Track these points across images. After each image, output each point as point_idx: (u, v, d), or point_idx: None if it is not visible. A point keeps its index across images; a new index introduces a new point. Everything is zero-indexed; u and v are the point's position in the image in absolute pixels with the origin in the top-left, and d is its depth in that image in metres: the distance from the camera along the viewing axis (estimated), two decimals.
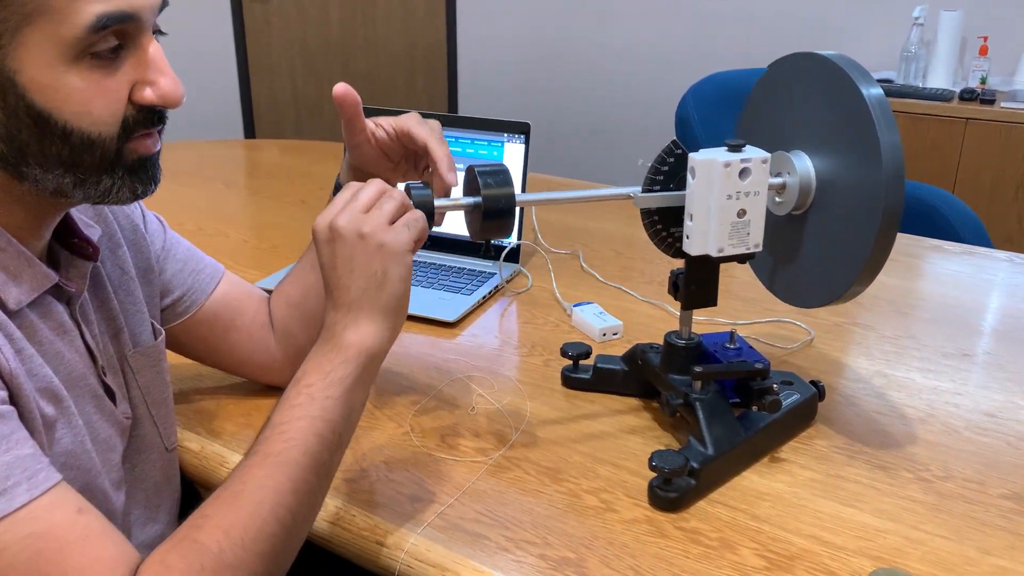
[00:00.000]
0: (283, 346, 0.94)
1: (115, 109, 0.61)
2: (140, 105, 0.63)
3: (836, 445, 0.88)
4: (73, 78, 0.58)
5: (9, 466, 0.56)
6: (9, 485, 0.56)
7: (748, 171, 0.78)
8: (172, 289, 0.87)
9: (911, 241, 1.50)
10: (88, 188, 0.63)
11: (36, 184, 0.62)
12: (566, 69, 3.79)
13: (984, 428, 0.92)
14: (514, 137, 1.29)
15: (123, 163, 0.63)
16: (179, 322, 0.88)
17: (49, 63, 0.57)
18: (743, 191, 0.79)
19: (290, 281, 0.94)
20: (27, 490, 0.56)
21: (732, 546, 0.74)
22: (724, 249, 0.80)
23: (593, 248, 1.42)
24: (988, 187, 2.63)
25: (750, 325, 1.15)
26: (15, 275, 0.63)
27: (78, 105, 0.59)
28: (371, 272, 0.69)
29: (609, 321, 1.12)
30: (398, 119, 0.84)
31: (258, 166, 2.06)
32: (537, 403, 0.96)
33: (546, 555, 0.73)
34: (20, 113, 0.58)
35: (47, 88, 0.58)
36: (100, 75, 0.60)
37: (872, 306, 1.22)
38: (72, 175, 0.62)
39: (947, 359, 1.07)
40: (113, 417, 0.73)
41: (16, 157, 0.60)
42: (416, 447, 0.88)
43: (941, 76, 2.85)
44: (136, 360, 0.78)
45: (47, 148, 0.60)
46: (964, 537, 0.75)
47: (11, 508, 0.55)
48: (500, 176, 0.76)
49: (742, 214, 0.79)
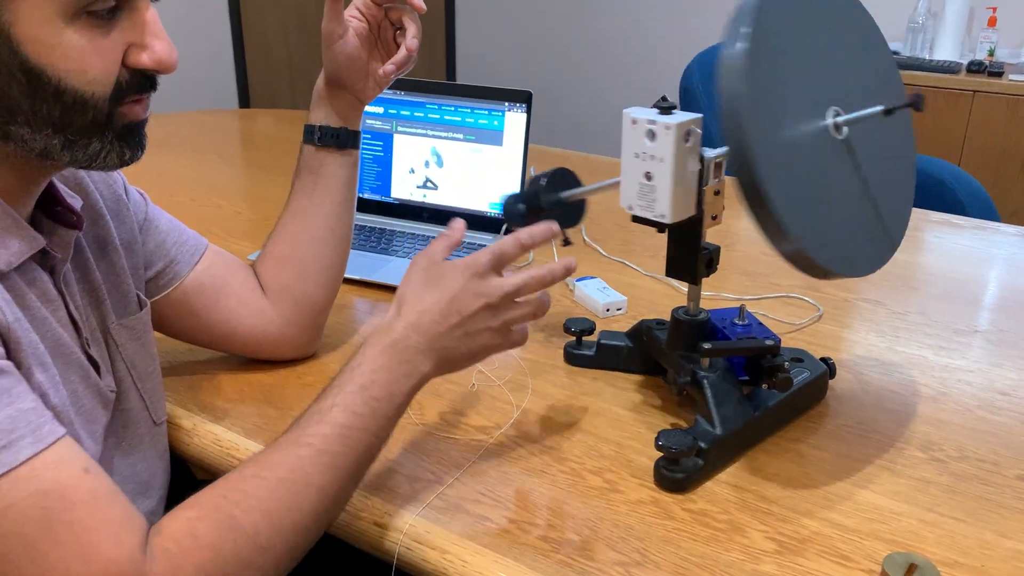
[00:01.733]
0: (278, 304, 0.92)
1: (109, 70, 0.60)
2: (133, 69, 0.62)
3: (847, 424, 0.86)
4: (70, 35, 0.57)
5: (12, 419, 0.55)
6: (13, 438, 0.54)
7: (654, 134, 0.76)
8: (154, 261, 0.85)
9: (918, 215, 1.47)
10: (76, 151, 0.62)
11: (23, 145, 0.61)
12: (567, 39, 3.73)
13: (998, 407, 0.89)
14: (515, 106, 1.25)
15: (113, 127, 0.62)
16: (163, 295, 0.86)
17: (47, 19, 0.56)
18: (649, 153, 0.76)
19: (275, 239, 0.93)
20: (32, 443, 0.55)
21: (741, 528, 0.72)
22: (633, 208, 0.80)
23: (595, 221, 1.39)
24: (995, 160, 2.60)
25: (757, 300, 1.13)
26: (3, 237, 0.61)
27: (73, 63, 0.58)
28: (475, 341, 0.73)
29: (613, 296, 1.09)
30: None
31: (252, 136, 2.02)
32: (539, 381, 0.94)
33: (549, 536, 0.70)
34: (13, 69, 0.57)
35: (43, 44, 0.57)
36: (96, 34, 0.59)
37: (880, 281, 1.19)
38: (61, 136, 0.61)
39: (958, 336, 1.04)
40: (97, 389, 0.71)
41: (5, 116, 0.59)
42: (414, 425, 0.86)
43: (948, 48, 2.80)
44: (119, 333, 0.76)
45: (38, 107, 0.59)
46: (980, 520, 0.73)
47: (16, 462, 0.54)
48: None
49: (649, 177, 0.77)
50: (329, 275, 0.94)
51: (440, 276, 0.73)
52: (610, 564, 0.68)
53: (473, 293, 0.72)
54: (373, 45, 0.90)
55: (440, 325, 0.71)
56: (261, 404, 0.89)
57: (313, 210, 0.91)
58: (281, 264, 0.92)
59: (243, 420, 0.86)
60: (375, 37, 0.90)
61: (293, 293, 0.91)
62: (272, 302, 0.92)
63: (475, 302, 0.72)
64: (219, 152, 1.82)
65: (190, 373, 0.94)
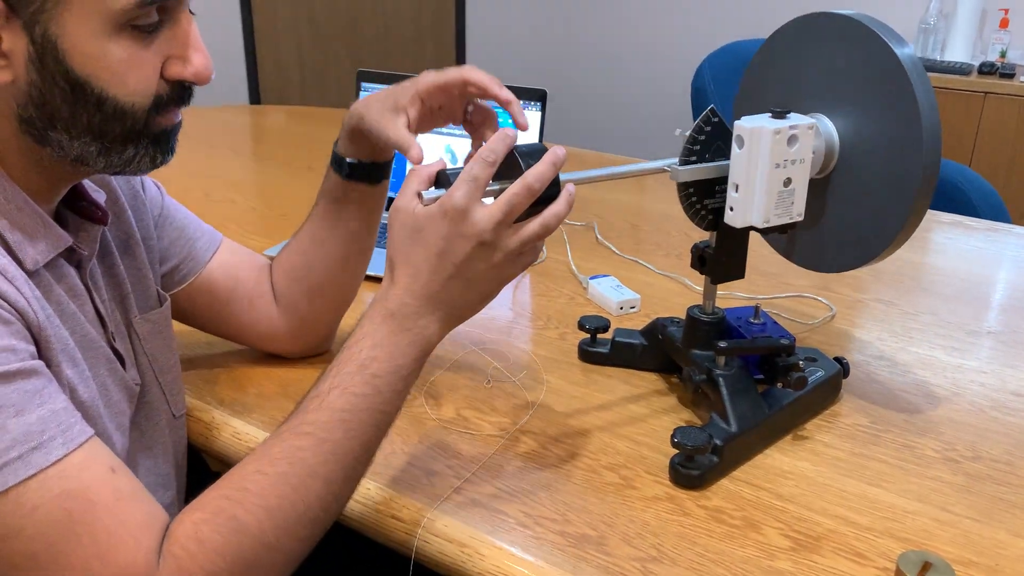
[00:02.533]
0: (286, 316, 0.92)
1: (149, 81, 0.62)
2: (171, 80, 0.63)
3: (860, 423, 0.86)
4: (113, 47, 0.59)
5: (44, 420, 0.55)
6: (45, 439, 0.55)
7: (796, 138, 0.76)
8: (169, 257, 0.85)
9: (930, 216, 1.47)
10: (112, 156, 0.63)
11: (59, 150, 0.62)
12: (579, 37, 3.73)
13: (1012, 408, 0.90)
14: (529, 104, 1.25)
15: (148, 134, 0.64)
16: (178, 290, 0.87)
17: (92, 31, 0.58)
18: (790, 159, 0.76)
19: (291, 252, 0.91)
20: (62, 444, 0.56)
21: (756, 525, 0.72)
22: (770, 220, 0.78)
23: (607, 219, 1.40)
24: (1006, 162, 2.59)
25: (770, 300, 1.13)
26: (31, 235, 0.62)
27: (115, 74, 0.60)
28: (479, 286, 0.66)
29: (626, 294, 1.10)
30: (449, 72, 0.77)
31: (264, 132, 2.03)
32: (554, 377, 0.94)
33: (566, 532, 0.71)
34: (57, 78, 0.58)
35: (88, 55, 0.58)
36: (138, 47, 0.60)
37: (893, 282, 1.19)
38: (98, 143, 0.62)
39: (971, 336, 1.05)
40: (124, 382, 0.72)
41: (44, 122, 0.60)
42: (431, 420, 0.86)
43: (960, 49, 2.80)
44: (142, 326, 0.76)
45: (78, 115, 0.60)
46: (994, 519, 0.73)
47: (47, 463, 0.55)
48: (541, 155, 0.70)
49: (788, 183, 0.77)
50: (340, 299, 0.93)
51: (420, 228, 0.65)
52: (626, 559, 0.68)
53: (460, 236, 0.64)
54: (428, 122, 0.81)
55: (435, 283, 0.65)
56: (280, 398, 0.90)
57: (331, 239, 0.88)
58: (294, 280, 0.90)
59: (262, 413, 0.87)
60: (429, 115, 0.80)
61: (301, 312, 0.91)
62: (281, 311, 0.92)
63: (465, 245, 0.64)
64: (232, 147, 1.83)
65: (209, 367, 0.95)
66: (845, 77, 0.79)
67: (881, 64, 0.76)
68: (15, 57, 0.58)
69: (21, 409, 0.54)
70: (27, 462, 0.54)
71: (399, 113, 0.77)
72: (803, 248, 0.88)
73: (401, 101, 0.77)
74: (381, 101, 0.78)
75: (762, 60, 0.88)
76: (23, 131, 0.61)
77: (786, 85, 0.85)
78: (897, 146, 0.76)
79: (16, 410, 0.54)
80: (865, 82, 0.78)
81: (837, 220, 0.83)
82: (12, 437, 0.53)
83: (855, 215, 0.81)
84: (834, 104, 0.81)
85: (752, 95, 0.89)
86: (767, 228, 0.79)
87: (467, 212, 0.64)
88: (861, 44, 0.77)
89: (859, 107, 0.79)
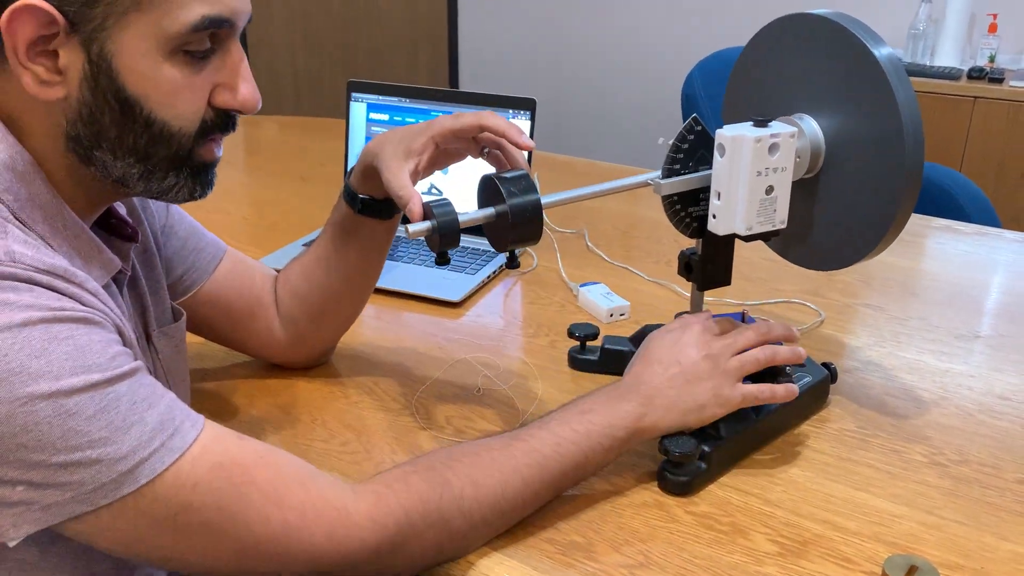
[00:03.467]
0: (287, 331, 0.92)
1: (197, 107, 0.63)
2: (217, 108, 0.65)
3: (848, 428, 0.87)
4: (167, 69, 0.60)
5: (171, 408, 0.59)
6: (177, 424, 0.59)
7: (777, 146, 0.76)
8: (173, 267, 0.85)
9: (920, 221, 1.48)
10: (152, 182, 0.65)
11: (103, 169, 0.63)
12: (570, 44, 3.74)
13: (998, 411, 0.90)
14: (519, 113, 1.26)
15: (191, 163, 0.65)
16: (182, 300, 0.87)
17: (147, 52, 0.59)
18: (771, 167, 0.77)
19: (297, 272, 0.92)
20: (192, 426, 0.59)
21: (744, 531, 0.72)
22: (752, 227, 0.79)
23: (598, 227, 1.40)
24: (996, 166, 2.61)
25: (759, 306, 1.13)
26: (88, 260, 0.64)
27: (166, 97, 0.61)
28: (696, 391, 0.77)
29: (616, 301, 1.10)
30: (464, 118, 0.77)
31: (257, 142, 2.03)
32: (544, 384, 0.95)
33: (554, 539, 0.71)
34: (108, 96, 0.60)
35: (141, 76, 0.59)
36: (189, 71, 0.61)
37: (882, 287, 1.20)
38: (142, 165, 0.63)
39: (959, 340, 1.05)
40: None
41: (91, 140, 0.61)
42: (421, 428, 0.87)
43: (949, 54, 2.81)
44: (160, 340, 0.77)
45: (125, 135, 0.61)
46: (980, 523, 0.74)
47: (186, 444, 0.58)
48: (523, 182, 0.73)
49: (770, 191, 0.77)
50: (341, 321, 0.94)
51: (663, 339, 0.81)
52: (614, 566, 0.68)
53: (694, 346, 0.79)
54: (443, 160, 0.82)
55: (661, 376, 0.77)
56: (276, 410, 0.90)
57: (337, 267, 0.89)
58: (297, 299, 0.91)
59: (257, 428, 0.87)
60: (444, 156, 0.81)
61: (301, 329, 0.92)
62: (282, 325, 0.92)
63: (695, 352, 0.78)
64: (225, 157, 1.82)
65: (205, 374, 0.95)
66: (827, 77, 0.80)
67: (859, 63, 0.77)
68: (70, 73, 0.59)
69: (152, 402, 0.58)
70: (169, 448, 0.57)
71: (410, 158, 0.77)
72: (797, 247, 0.88)
73: (414, 146, 0.78)
74: (394, 144, 0.78)
75: (744, 64, 0.89)
76: (69, 148, 0.62)
77: (770, 87, 0.86)
78: (880, 144, 0.77)
79: (148, 403, 0.58)
80: (845, 81, 0.78)
81: (829, 219, 0.84)
82: (152, 428, 0.57)
83: (845, 213, 0.82)
84: (818, 104, 0.81)
85: (737, 101, 0.90)
86: (750, 236, 0.79)
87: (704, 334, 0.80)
88: (839, 44, 0.78)
89: (842, 107, 0.79)
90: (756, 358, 0.79)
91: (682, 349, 0.78)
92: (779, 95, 0.85)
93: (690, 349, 0.78)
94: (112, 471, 0.55)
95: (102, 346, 0.56)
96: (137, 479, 0.56)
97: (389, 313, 1.11)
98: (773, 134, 0.76)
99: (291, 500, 0.61)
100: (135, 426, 0.56)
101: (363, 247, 0.88)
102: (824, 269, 0.87)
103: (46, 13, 0.56)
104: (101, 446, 0.54)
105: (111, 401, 0.55)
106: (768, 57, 0.86)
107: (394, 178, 0.76)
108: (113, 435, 0.55)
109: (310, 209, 1.47)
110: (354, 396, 0.93)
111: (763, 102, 0.86)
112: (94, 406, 0.54)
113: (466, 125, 0.77)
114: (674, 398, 0.76)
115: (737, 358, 0.79)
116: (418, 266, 1.21)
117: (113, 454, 0.55)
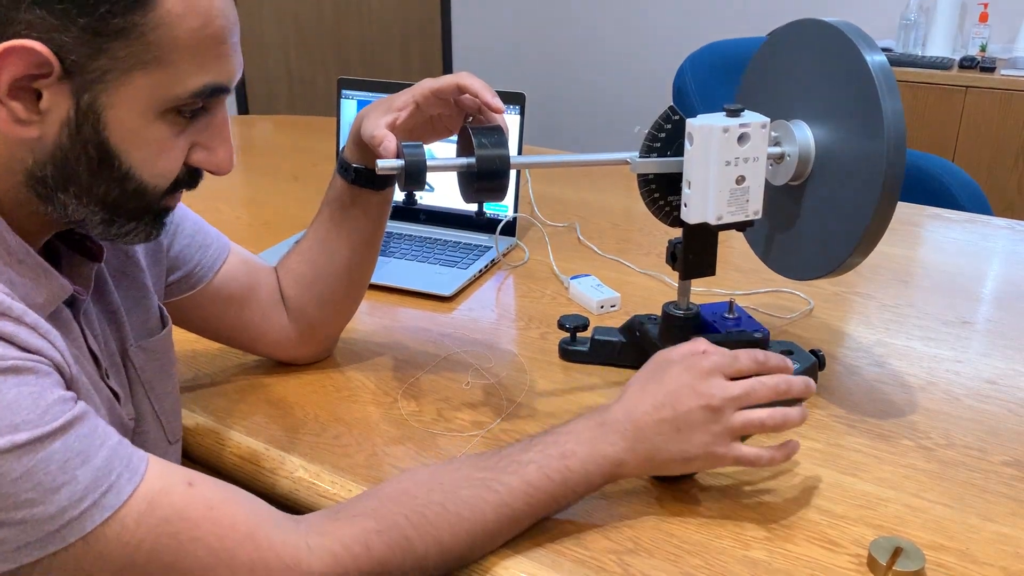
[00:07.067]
0: (295, 323, 0.93)
1: (175, 166, 0.63)
2: (191, 166, 0.64)
3: (836, 414, 0.88)
4: (155, 129, 0.59)
5: (108, 460, 0.56)
6: (113, 479, 0.56)
7: (747, 136, 0.77)
8: (179, 266, 0.84)
9: (911, 210, 1.48)
10: (112, 227, 0.63)
11: (61, 211, 0.61)
12: (562, 39, 3.74)
13: (985, 395, 0.91)
14: (509, 108, 1.27)
15: (153, 211, 0.64)
16: (186, 296, 0.86)
17: (141, 110, 0.58)
18: (742, 157, 0.77)
19: (298, 259, 0.92)
20: (129, 480, 0.56)
21: (732, 516, 0.73)
22: (723, 217, 0.79)
23: (590, 221, 1.41)
24: (988, 155, 2.61)
25: (749, 295, 1.14)
26: (33, 286, 0.61)
27: (148, 154, 0.60)
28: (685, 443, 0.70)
29: (606, 293, 1.11)
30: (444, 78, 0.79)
31: (251, 142, 2.03)
32: (534, 376, 0.95)
33: (543, 526, 0.72)
34: (89, 145, 0.58)
35: (128, 131, 0.58)
36: (177, 130, 0.61)
37: (872, 275, 1.21)
38: (105, 213, 0.62)
39: (948, 327, 1.06)
40: (119, 420, 0.70)
41: (58, 184, 0.59)
42: (411, 422, 0.87)
43: (940, 44, 2.82)
44: (137, 355, 0.75)
45: (96, 185, 0.60)
46: (966, 505, 0.74)
47: (121, 500, 0.55)
48: (495, 136, 0.75)
49: (741, 180, 0.78)
50: (347, 304, 0.95)
51: (665, 370, 0.73)
52: (604, 552, 0.69)
53: (692, 390, 0.71)
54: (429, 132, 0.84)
55: (650, 416, 0.71)
56: (274, 409, 0.91)
57: (339, 246, 0.90)
58: (302, 287, 0.91)
59: (252, 426, 0.88)
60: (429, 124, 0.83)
61: (310, 318, 0.92)
62: (291, 318, 0.93)
63: (693, 400, 0.70)
64: None
65: (198, 376, 0.96)
66: (824, 84, 0.80)
67: (852, 72, 0.77)
68: (50, 116, 0.57)
69: (88, 456, 0.55)
70: (101, 506, 0.55)
71: (390, 112, 0.79)
72: (777, 254, 0.89)
73: (395, 104, 0.80)
74: (378, 106, 0.81)
75: (756, 66, 0.90)
76: (29, 186, 0.59)
77: (777, 91, 0.87)
78: (862, 156, 0.77)
79: (83, 458, 0.55)
80: (839, 89, 0.79)
81: (808, 228, 0.84)
82: (85, 486, 0.54)
83: (823, 224, 0.82)
84: (815, 112, 0.82)
85: (748, 100, 0.91)
86: (721, 225, 0.80)
87: (709, 376, 0.72)
88: (838, 51, 0.78)
89: (833, 115, 0.80)
90: (763, 422, 0.72)
91: (679, 391, 0.71)
92: (785, 100, 0.85)
93: (688, 394, 0.71)
94: (38, 531, 0.53)
95: (32, 400, 0.53)
96: (65, 538, 0.53)
97: (382, 308, 1.12)
98: (743, 124, 0.77)
99: (241, 558, 0.59)
100: (65, 486, 0.53)
101: (361, 221, 0.89)
102: (797, 279, 0.88)
103: (42, 56, 0.54)
104: (27, 507, 0.52)
105: (39, 461, 0.53)
106: (777, 60, 0.86)
107: (372, 125, 0.78)
108: (41, 496, 0.52)
109: (303, 208, 1.47)
110: (346, 390, 0.93)
111: (769, 104, 0.87)
112: (21, 468, 0.52)
113: (444, 85, 0.79)
114: (659, 446, 0.71)
115: (741, 416, 0.71)
116: (410, 261, 1.22)
117: (40, 515, 0.52)
